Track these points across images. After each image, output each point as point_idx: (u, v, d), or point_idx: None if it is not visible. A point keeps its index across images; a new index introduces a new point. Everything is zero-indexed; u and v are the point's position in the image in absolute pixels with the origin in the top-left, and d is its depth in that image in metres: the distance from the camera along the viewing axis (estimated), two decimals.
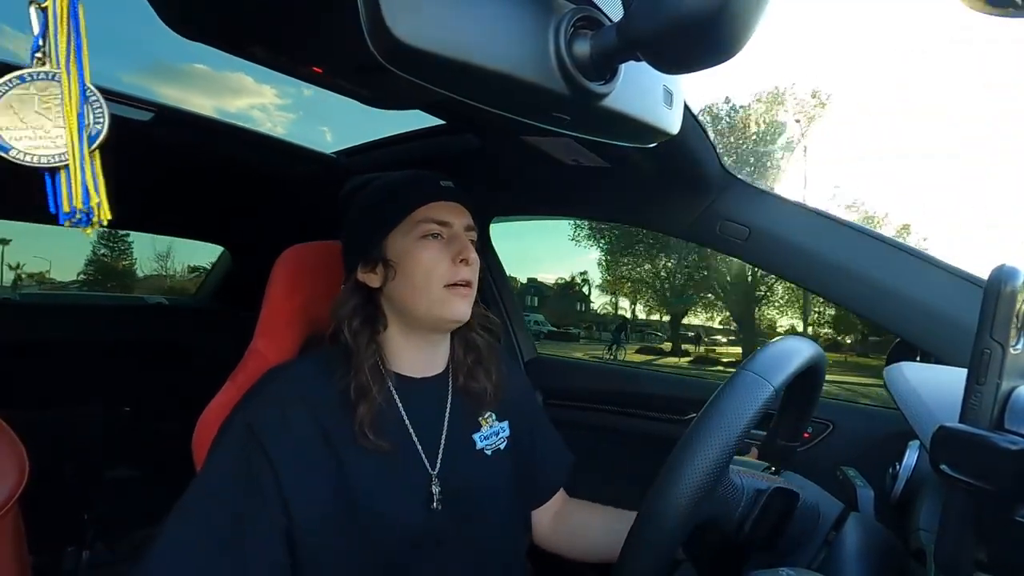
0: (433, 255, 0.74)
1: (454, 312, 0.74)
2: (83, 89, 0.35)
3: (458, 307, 0.74)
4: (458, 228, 0.76)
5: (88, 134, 0.35)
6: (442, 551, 0.74)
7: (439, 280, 0.73)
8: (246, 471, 0.66)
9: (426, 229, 0.74)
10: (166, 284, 11.83)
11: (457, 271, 0.74)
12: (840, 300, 0.91)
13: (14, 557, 0.67)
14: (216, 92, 34.39)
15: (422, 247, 0.74)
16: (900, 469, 0.59)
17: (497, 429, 0.84)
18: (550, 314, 14.86)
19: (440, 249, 0.75)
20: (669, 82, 0.44)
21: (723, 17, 0.28)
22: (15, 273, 8.88)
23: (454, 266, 0.74)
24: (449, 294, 0.74)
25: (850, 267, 0.89)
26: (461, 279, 0.74)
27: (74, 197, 0.34)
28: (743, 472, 0.57)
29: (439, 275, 0.73)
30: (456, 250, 0.74)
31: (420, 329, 0.77)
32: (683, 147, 0.85)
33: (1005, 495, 0.37)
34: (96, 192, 0.35)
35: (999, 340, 0.38)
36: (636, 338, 13.68)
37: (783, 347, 0.55)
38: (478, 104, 0.35)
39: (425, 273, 0.73)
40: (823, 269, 0.91)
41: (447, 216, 0.76)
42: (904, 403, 0.53)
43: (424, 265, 0.73)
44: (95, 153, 0.36)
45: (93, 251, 12.13)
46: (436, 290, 0.73)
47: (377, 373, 0.73)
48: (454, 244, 0.75)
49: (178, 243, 5.12)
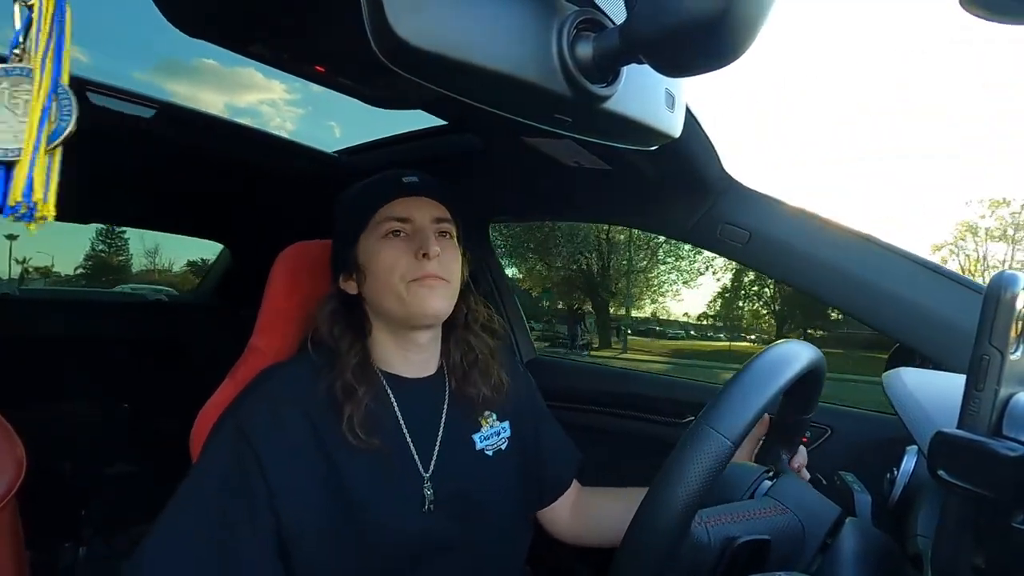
0: (393, 253, 0.73)
1: (422, 306, 0.73)
2: (54, 86, 0.35)
3: (425, 301, 0.73)
4: (421, 222, 0.75)
5: (50, 130, 0.35)
6: (439, 554, 0.73)
7: (402, 277, 0.73)
8: (235, 470, 0.66)
9: (387, 228, 0.74)
10: (155, 277, 11.89)
11: (420, 266, 0.73)
12: (840, 305, 0.91)
13: (12, 553, 0.67)
14: (225, 88, 34.50)
15: (383, 246, 0.74)
16: (898, 474, 0.59)
17: (498, 429, 0.83)
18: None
19: (402, 246, 0.74)
20: (671, 85, 0.44)
21: (727, 20, 0.28)
22: (22, 267, 8.91)
23: (416, 261, 0.73)
24: (415, 288, 0.73)
25: (850, 272, 0.89)
26: (424, 273, 0.72)
27: (15, 191, 0.34)
28: (710, 521, 0.54)
29: (401, 272, 0.73)
30: (416, 245, 0.73)
31: (401, 328, 0.77)
32: (684, 150, 0.85)
33: (1003, 501, 0.37)
34: (45, 188, 0.35)
35: (998, 346, 0.38)
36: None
37: (745, 387, 0.52)
38: (480, 105, 0.35)
39: (387, 271, 0.73)
40: (823, 273, 0.91)
41: (408, 212, 0.75)
42: (902, 408, 0.53)
43: (386, 264, 0.73)
44: (56, 150, 0.35)
45: (92, 247, 12.19)
46: (400, 287, 0.73)
47: (364, 373, 0.73)
48: (415, 239, 0.74)
49: (167, 240, 5.11)
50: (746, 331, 10.17)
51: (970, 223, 15.05)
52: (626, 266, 13.29)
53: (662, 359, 10.25)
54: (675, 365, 9.76)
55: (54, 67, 0.34)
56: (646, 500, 0.48)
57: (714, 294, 12.25)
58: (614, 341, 13.26)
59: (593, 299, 13.69)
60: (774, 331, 11.47)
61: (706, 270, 12.51)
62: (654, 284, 13.50)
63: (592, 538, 0.90)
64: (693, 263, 12.92)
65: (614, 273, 13.52)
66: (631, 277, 13.44)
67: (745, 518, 0.56)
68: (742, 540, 0.54)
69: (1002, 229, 14.47)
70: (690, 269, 13.14)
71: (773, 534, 0.55)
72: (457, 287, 0.78)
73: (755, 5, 0.29)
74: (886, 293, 0.86)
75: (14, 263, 8.98)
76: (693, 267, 13.05)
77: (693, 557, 0.53)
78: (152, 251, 11.55)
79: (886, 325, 0.87)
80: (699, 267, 12.90)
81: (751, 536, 0.54)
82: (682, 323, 13.58)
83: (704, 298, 11.07)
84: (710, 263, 12.81)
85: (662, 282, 13.39)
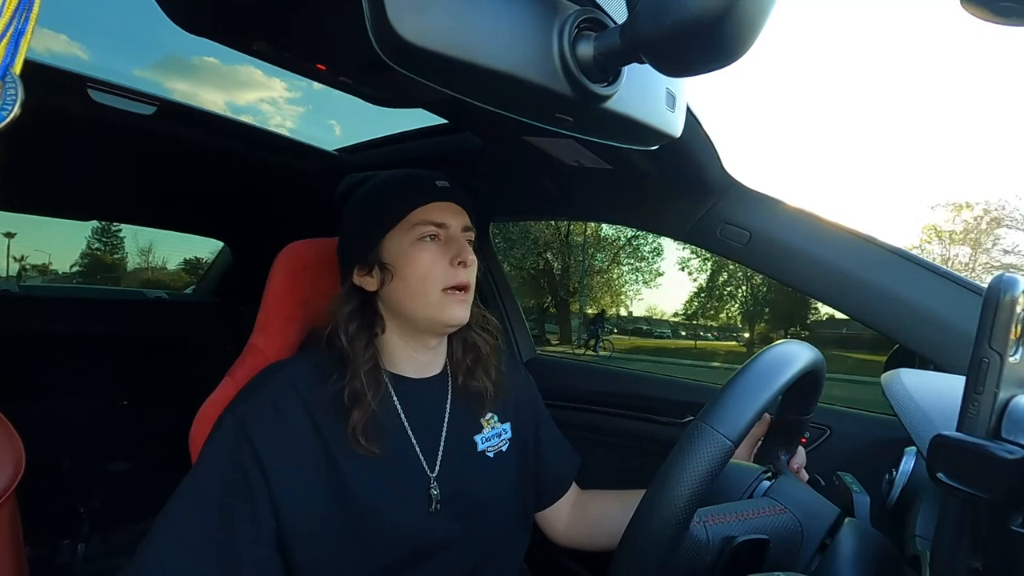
0: (430, 258, 0.73)
1: (452, 316, 0.73)
2: (2, 72, 0.34)
3: (456, 311, 0.73)
4: (455, 229, 0.75)
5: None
6: (439, 553, 0.73)
7: (436, 283, 0.72)
8: (236, 468, 0.66)
9: (423, 231, 0.73)
10: (149, 275, 11.89)
11: (455, 274, 0.73)
12: (840, 305, 0.91)
13: (10, 549, 0.66)
14: (226, 86, 34.39)
15: (419, 249, 0.73)
16: (897, 476, 0.59)
17: (499, 431, 0.83)
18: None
19: (437, 251, 0.74)
20: (672, 85, 0.44)
21: (728, 20, 0.28)
22: (19, 264, 8.90)
23: (452, 268, 0.73)
24: (446, 298, 0.73)
25: (851, 272, 0.89)
26: (459, 282, 0.73)
27: None
28: (709, 520, 0.54)
29: (436, 278, 0.72)
30: (454, 252, 0.73)
31: (418, 332, 0.77)
32: (685, 150, 0.85)
33: (1001, 504, 0.37)
34: None
35: (997, 349, 0.38)
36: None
37: (745, 387, 0.52)
38: (481, 104, 0.35)
39: (422, 276, 0.72)
40: (823, 274, 0.91)
41: (444, 217, 0.74)
42: (902, 410, 0.53)
43: (421, 268, 0.72)
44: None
45: (88, 244, 12.19)
46: (434, 293, 0.72)
47: (374, 377, 0.72)
48: (451, 246, 0.74)
49: (160, 236, 5.10)
50: (718, 331, 10.17)
51: (935, 226, 15.11)
52: (588, 265, 13.18)
53: (635, 356, 10.27)
54: (651, 362, 9.71)
55: (7, 54, 0.34)
56: (646, 498, 0.48)
57: (680, 296, 12.27)
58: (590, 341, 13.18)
59: (555, 298, 13.68)
60: (749, 331, 11.40)
61: (661, 275, 12.35)
62: (615, 284, 13.41)
63: (588, 541, 0.90)
64: (652, 264, 12.80)
65: (574, 272, 13.45)
66: (592, 278, 13.36)
67: (744, 518, 0.56)
68: (741, 540, 0.54)
69: (965, 233, 14.56)
70: (650, 270, 13.06)
71: (772, 534, 0.55)
72: (472, 295, 0.78)
73: (756, 5, 0.29)
74: (887, 294, 0.86)
75: (17, 257, 8.99)
76: (652, 268, 12.94)
77: (692, 556, 0.53)
78: (146, 249, 11.51)
79: (886, 326, 0.87)
80: (659, 268, 12.73)
81: (750, 536, 0.54)
82: (647, 318, 13.53)
83: (669, 299, 11.13)
84: (683, 263, 12.64)
85: (624, 282, 13.32)
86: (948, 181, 23.11)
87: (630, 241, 8.32)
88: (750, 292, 9.02)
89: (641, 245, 8.41)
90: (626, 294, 10.99)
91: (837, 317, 7.97)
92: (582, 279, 12.89)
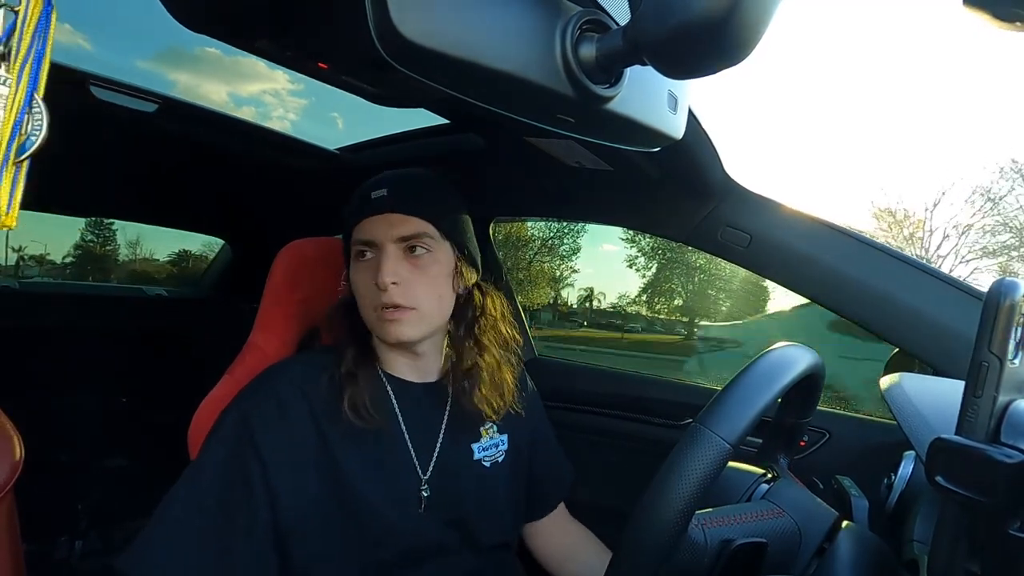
0: (361, 279, 0.73)
1: (387, 335, 0.72)
2: (28, 99, 0.35)
3: (390, 330, 0.71)
4: (387, 243, 0.71)
5: (20, 143, 0.35)
6: (432, 556, 0.74)
7: (368, 305, 0.73)
8: (236, 463, 0.66)
9: (357, 251, 0.74)
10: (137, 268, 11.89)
11: (379, 296, 0.70)
12: (840, 309, 0.91)
13: (7, 545, 0.66)
14: (228, 77, 34.28)
15: (355, 270, 0.75)
16: (895, 480, 0.59)
17: (497, 441, 0.83)
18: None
19: (366, 271, 0.73)
20: (674, 87, 0.44)
21: (731, 22, 0.28)
22: (17, 255, 8.89)
23: (377, 290, 0.70)
24: (381, 318, 0.71)
25: (851, 276, 0.89)
26: (382, 303, 0.70)
27: None
28: (707, 523, 0.54)
29: (368, 299, 0.73)
30: (374, 273, 0.71)
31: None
32: (687, 152, 0.85)
33: (1000, 508, 0.37)
34: (9, 199, 0.35)
35: (997, 353, 0.38)
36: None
37: (744, 389, 0.52)
38: (483, 104, 0.35)
39: (360, 297, 0.74)
40: (824, 277, 0.91)
41: (373, 233, 0.72)
42: (901, 414, 0.53)
43: (358, 290, 0.74)
44: (23, 162, 0.36)
45: (82, 237, 12.22)
46: (370, 314, 0.73)
47: (364, 365, 0.74)
48: (376, 265, 0.71)
49: (149, 232, 5.11)
50: (646, 323, 10.10)
51: (871, 234, 14.97)
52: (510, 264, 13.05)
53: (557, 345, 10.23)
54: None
55: (31, 79, 0.35)
56: (644, 500, 0.48)
57: (610, 291, 12.23)
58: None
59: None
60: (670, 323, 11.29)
61: (577, 272, 12.22)
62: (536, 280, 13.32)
63: (552, 565, 0.90)
64: (570, 262, 12.64)
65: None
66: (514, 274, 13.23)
67: (742, 521, 0.56)
68: (739, 543, 0.54)
69: (897, 242, 14.36)
70: (568, 267, 12.94)
71: (770, 537, 0.55)
72: (430, 309, 0.73)
73: (759, 7, 0.29)
74: (886, 298, 0.86)
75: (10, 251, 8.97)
76: (570, 266, 12.79)
77: (689, 559, 0.53)
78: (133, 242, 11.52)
79: (886, 330, 0.87)
80: (575, 266, 12.56)
81: (748, 539, 0.54)
82: (576, 312, 13.46)
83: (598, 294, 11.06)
84: (605, 261, 12.36)
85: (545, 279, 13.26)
86: (948, 181, 23.13)
87: (545, 243, 8.49)
88: (670, 288, 9.14)
89: (557, 245, 8.61)
90: (545, 290, 11.07)
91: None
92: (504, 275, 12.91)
